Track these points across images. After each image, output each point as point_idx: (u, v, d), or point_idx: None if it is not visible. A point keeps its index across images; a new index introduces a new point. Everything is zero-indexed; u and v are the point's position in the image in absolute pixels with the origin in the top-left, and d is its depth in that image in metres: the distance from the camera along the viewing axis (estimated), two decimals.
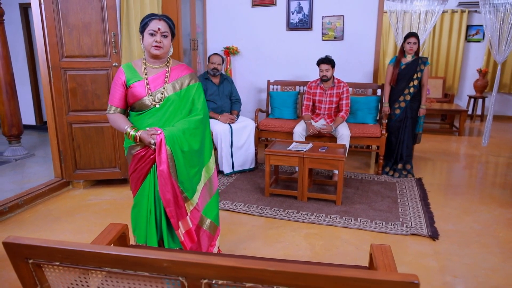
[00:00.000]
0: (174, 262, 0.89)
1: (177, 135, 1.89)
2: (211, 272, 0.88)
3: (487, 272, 2.28)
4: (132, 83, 1.93)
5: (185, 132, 1.93)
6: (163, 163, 1.87)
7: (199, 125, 1.99)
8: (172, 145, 1.87)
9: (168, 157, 1.88)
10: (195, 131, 1.97)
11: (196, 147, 1.98)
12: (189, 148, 1.95)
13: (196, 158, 2.02)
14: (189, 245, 2.06)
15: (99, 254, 0.92)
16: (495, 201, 3.33)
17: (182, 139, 1.91)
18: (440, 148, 5.16)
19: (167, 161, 1.87)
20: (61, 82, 3.27)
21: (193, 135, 1.96)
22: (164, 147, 1.86)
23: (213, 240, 2.22)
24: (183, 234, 2.02)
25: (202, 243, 2.17)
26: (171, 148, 1.87)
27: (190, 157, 1.97)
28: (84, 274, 1.02)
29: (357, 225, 2.86)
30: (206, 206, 2.16)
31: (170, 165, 1.89)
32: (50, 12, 3.14)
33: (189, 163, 1.97)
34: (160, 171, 1.88)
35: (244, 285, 0.87)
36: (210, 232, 2.18)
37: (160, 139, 1.85)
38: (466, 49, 7.31)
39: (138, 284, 0.95)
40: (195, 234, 2.07)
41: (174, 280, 0.91)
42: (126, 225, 1.65)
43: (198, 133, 2.00)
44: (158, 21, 1.88)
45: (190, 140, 1.94)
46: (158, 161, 1.88)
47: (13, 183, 3.68)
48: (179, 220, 1.99)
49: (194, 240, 2.06)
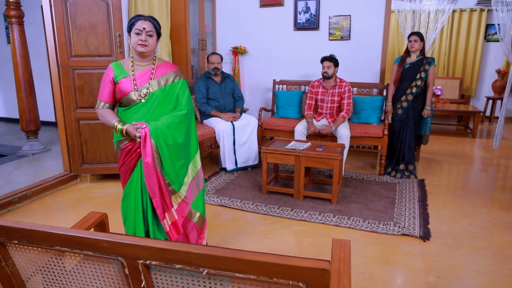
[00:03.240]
0: (112, 243, 0.97)
1: (161, 129, 1.98)
2: (144, 253, 0.95)
3: (473, 274, 2.26)
4: (119, 79, 2.04)
5: (169, 126, 2.02)
6: (148, 155, 1.97)
7: (183, 119, 2.08)
8: (156, 138, 1.97)
9: (153, 150, 1.97)
10: (179, 125, 2.06)
11: (180, 140, 2.07)
12: (174, 141, 2.03)
13: (181, 152, 2.10)
14: (175, 236, 2.14)
15: (49, 233, 1.01)
16: (497, 204, 3.25)
17: (166, 132, 2.00)
18: (450, 150, 5.05)
19: (152, 153, 1.97)
20: (69, 80, 3.45)
21: (177, 129, 2.05)
22: (149, 140, 1.95)
23: (202, 233, 2.30)
24: (169, 225, 2.11)
25: (191, 236, 2.25)
26: (156, 141, 1.97)
27: (175, 150, 2.06)
28: (57, 255, 1.11)
29: (349, 224, 2.87)
30: (196, 200, 2.25)
31: (155, 157, 1.98)
32: (59, 13, 3.31)
33: (174, 156, 2.06)
34: (146, 163, 1.98)
35: (174, 266, 0.94)
36: (199, 225, 2.26)
37: (144, 132, 1.95)
38: (485, 49, 7.10)
39: (97, 265, 1.04)
40: (181, 226, 2.16)
41: (113, 260, 0.99)
42: (105, 214, 1.75)
43: (183, 127, 2.09)
44: (143, 21, 1.99)
45: (174, 134, 2.03)
46: (143, 154, 1.97)
47: (27, 176, 3.90)
48: (165, 212, 2.08)
49: (179, 231, 2.15)
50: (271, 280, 0.88)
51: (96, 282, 1.10)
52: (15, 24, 4.27)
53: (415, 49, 3.77)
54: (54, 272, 1.13)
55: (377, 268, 2.32)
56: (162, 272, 0.99)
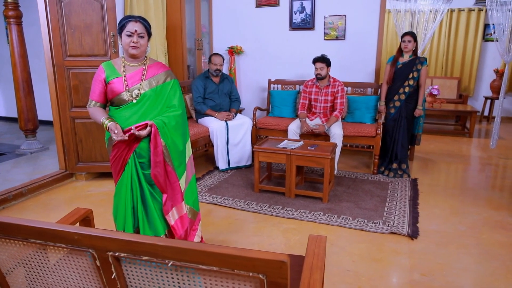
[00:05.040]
0: (82, 235, 1.00)
1: (163, 128, 2.03)
2: (113, 245, 0.98)
3: (458, 272, 2.27)
4: (111, 79, 2.08)
5: (169, 127, 2.06)
6: (159, 154, 2.02)
7: (179, 119, 2.12)
8: (164, 137, 2.02)
9: (163, 148, 2.02)
10: (176, 126, 2.10)
11: (179, 141, 2.11)
12: (173, 141, 2.07)
13: (179, 152, 2.14)
14: (180, 231, 2.18)
15: (23, 226, 1.05)
16: (488, 203, 3.27)
17: (169, 132, 2.05)
18: (446, 150, 5.05)
19: (162, 152, 2.02)
20: (65, 79, 3.49)
21: (176, 129, 2.09)
22: (159, 140, 2.00)
23: (194, 224, 2.32)
24: (175, 220, 2.15)
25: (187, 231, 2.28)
26: (164, 140, 2.02)
27: (175, 150, 2.11)
28: (41, 249, 1.14)
29: (338, 222, 2.90)
30: (185, 192, 2.28)
31: (165, 155, 2.04)
32: (54, 13, 3.36)
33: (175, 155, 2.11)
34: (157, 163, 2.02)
35: (141, 258, 0.97)
36: (190, 217, 2.29)
37: (154, 131, 1.98)
38: (483, 48, 7.09)
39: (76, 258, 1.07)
40: (186, 221, 2.20)
41: (86, 252, 1.02)
42: (90, 210, 1.79)
43: (179, 127, 2.12)
44: (134, 23, 2.01)
45: (174, 134, 2.07)
46: (154, 154, 2.01)
47: (24, 174, 3.95)
48: (173, 206, 2.13)
49: (184, 226, 2.19)
50: (233, 272, 0.91)
51: (72, 275, 1.13)
52: (13, 24, 4.33)
53: (409, 49, 3.79)
54: (35, 265, 1.16)
55: (363, 265, 2.34)
56: (132, 264, 1.03)
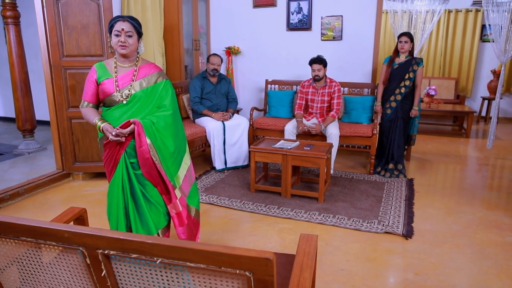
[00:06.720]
0: (72, 233, 1.01)
1: (150, 127, 2.02)
2: (102, 243, 1.00)
3: (451, 271, 2.29)
4: (102, 80, 2.09)
5: (158, 128, 2.05)
6: (146, 153, 2.00)
7: (168, 119, 2.11)
8: (150, 135, 2.01)
9: (149, 147, 2.01)
10: (166, 126, 2.09)
11: (169, 141, 2.10)
12: (163, 142, 2.07)
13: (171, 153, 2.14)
14: (179, 228, 2.19)
15: (14, 224, 1.06)
16: (483, 203, 3.28)
17: (156, 131, 2.04)
18: (443, 150, 5.07)
19: (148, 150, 2.01)
20: (61, 79, 3.51)
21: (165, 129, 2.08)
22: (144, 137, 1.99)
23: (198, 227, 2.34)
24: (174, 214, 2.17)
25: (194, 231, 2.29)
26: (150, 139, 2.01)
27: (166, 150, 2.10)
28: (33, 248, 1.16)
29: (333, 222, 2.91)
30: (189, 194, 2.28)
31: (152, 154, 2.02)
32: (51, 14, 3.37)
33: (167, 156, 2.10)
34: (145, 160, 2.02)
35: (131, 256, 0.99)
36: (197, 218, 2.31)
37: (137, 130, 1.97)
38: (480, 49, 7.11)
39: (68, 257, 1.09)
40: (185, 218, 2.20)
41: (75, 249, 1.04)
42: (84, 209, 1.80)
43: (169, 127, 2.12)
44: (122, 22, 2.02)
45: (163, 134, 2.06)
46: (140, 152, 2.01)
47: (21, 174, 3.96)
48: (170, 202, 2.14)
49: (183, 223, 2.20)
50: (220, 269, 0.93)
51: (64, 273, 1.15)
52: (11, 25, 4.34)
53: (405, 50, 3.81)
54: (27, 263, 1.17)
55: (357, 265, 2.36)
56: (121, 262, 1.04)
